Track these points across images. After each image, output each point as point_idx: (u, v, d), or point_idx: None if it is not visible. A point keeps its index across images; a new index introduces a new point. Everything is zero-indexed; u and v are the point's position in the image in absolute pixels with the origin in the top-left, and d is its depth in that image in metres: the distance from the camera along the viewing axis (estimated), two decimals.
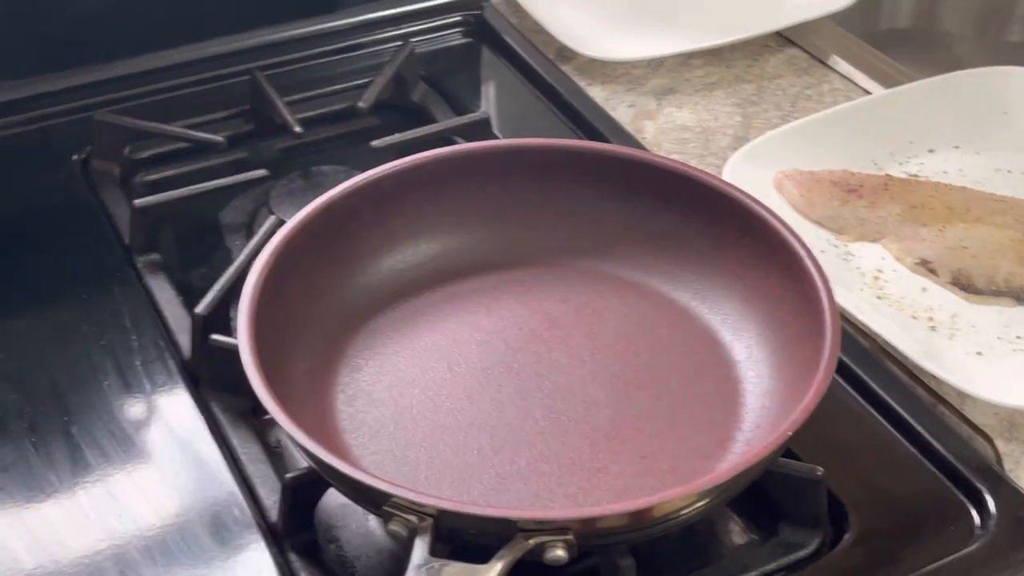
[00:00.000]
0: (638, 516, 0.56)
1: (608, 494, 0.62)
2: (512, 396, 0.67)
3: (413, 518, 0.55)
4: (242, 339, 0.62)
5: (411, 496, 0.55)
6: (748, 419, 0.66)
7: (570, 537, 0.54)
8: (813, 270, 0.66)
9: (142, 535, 0.64)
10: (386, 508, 0.55)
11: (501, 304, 0.73)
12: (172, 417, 0.71)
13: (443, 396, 0.67)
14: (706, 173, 0.73)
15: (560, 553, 0.54)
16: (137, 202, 0.82)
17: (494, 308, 0.73)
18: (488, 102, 0.99)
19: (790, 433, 0.57)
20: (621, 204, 0.75)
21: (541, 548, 0.54)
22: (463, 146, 0.77)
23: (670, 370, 0.69)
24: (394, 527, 0.55)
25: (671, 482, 0.62)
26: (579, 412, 0.66)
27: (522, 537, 0.54)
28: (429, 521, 0.55)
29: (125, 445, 0.69)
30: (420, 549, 0.54)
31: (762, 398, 0.66)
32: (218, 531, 0.64)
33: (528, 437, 0.65)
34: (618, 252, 0.75)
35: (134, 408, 0.71)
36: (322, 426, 0.65)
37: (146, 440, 0.69)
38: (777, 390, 0.66)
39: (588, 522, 0.55)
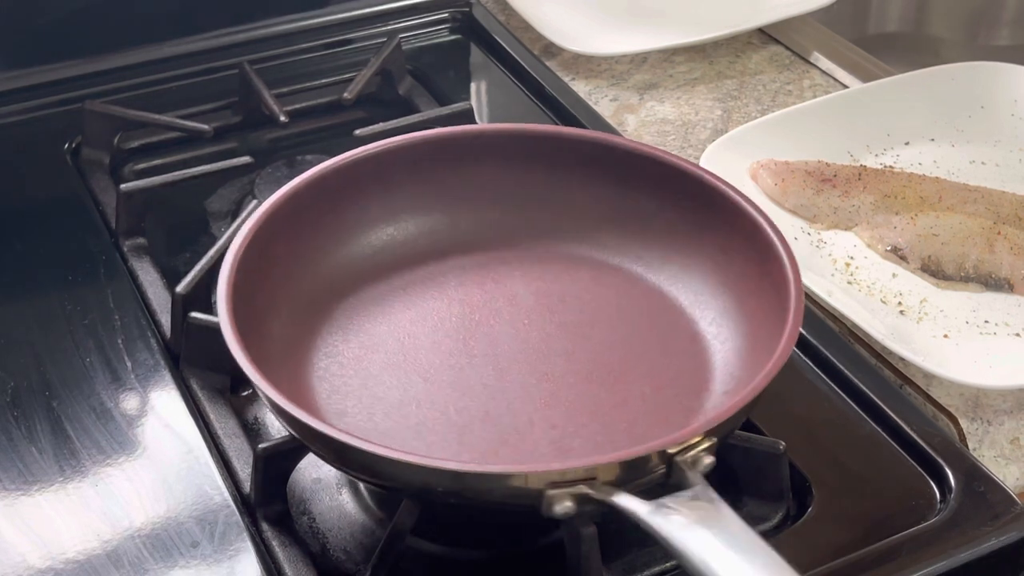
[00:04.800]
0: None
1: (651, 418, 0.65)
2: (498, 363, 0.68)
3: (583, 488, 0.55)
4: (223, 316, 0.63)
5: (571, 464, 0.55)
6: (719, 377, 0.67)
7: (711, 443, 0.57)
8: (777, 244, 0.68)
9: (118, 504, 0.65)
10: (550, 492, 0.55)
11: (477, 282, 0.74)
12: (151, 392, 0.72)
13: (432, 372, 0.68)
14: (669, 153, 0.75)
15: (710, 460, 0.57)
16: (123, 187, 0.83)
17: (472, 286, 0.74)
18: (473, 95, 1.01)
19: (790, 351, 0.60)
20: (589, 187, 0.76)
21: (698, 459, 0.57)
22: (440, 130, 0.78)
23: (643, 342, 0.70)
24: (562, 505, 0.55)
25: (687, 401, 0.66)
26: (573, 368, 0.68)
27: (678, 459, 0.56)
28: (595, 480, 0.55)
29: (104, 419, 0.70)
30: (630, 500, 0.54)
31: (730, 355, 0.68)
32: (194, 501, 0.66)
33: (528, 395, 0.66)
34: (587, 234, 0.76)
35: (114, 384, 0.72)
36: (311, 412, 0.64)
37: (125, 414, 0.71)
38: (744, 347, 0.68)
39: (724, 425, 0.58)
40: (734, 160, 0.87)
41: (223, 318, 0.63)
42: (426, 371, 0.69)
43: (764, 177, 0.86)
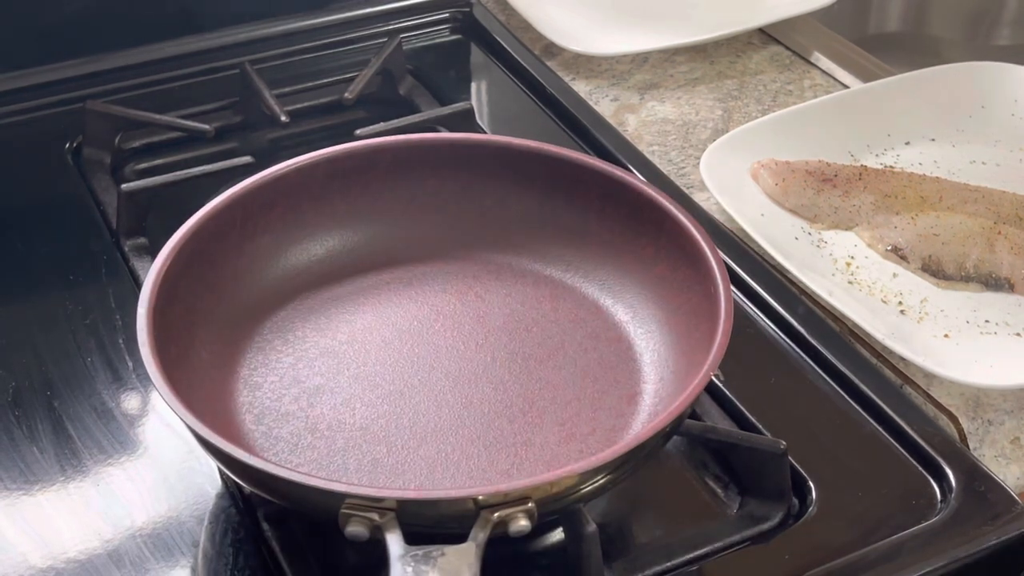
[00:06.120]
0: (588, 475, 0.57)
1: (539, 464, 0.63)
2: (421, 390, 0.68)
3: (374, 515, 0.55)
4: (140, 322, 0.62)
5: (369, 492, 0.55)
6: (649, 373, 0.68)
7: (531, 506, 0.55)
8: (687, 223, 0.68)
9: (120, 504, 0.66)
10: (343, 510, 0.55)
11: (384, 301, 0.73)
12: (152, 392, 0.72)
13: (355, 400, 0.67)
14: (562, 149, 0.75)
15: (524, 523, 0.55)
16: (124, 187, 0.83)
17: (380, 306, 0.73)
18: (474, 95, 1.01)
19: (713, 374, 0.60)
20: (481, 190, 0.75)
21: (505, 521, 0.55)
22: (361, 143, 0.76)
23: (563, 340, 0.70)
24: (354, 528, 0.55)
25: (594, 445, 0.64)
26: (489, 393, 0.67)
27: (488, 513, 0.55)
28: (391, 515, 0.55)
29: (106, 419, 0.70)
30: (396, 541, 0.54)
31: (656, 351, 0.68)
32: (195, 501, 0.66)
33: (448, 425, 0.66)
34: (488, 237, 0.76)
35: (116, 383, 0.72)
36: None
37: (126, 413, 0.71)
38: (670, 341, 0.68)
39: (547, 487, 0.56)
40: (734, 160, 0.87)
41: (140, 324, 0.62)
42: (366, 404, 0.67)
43: (765, 177, 0.86)
